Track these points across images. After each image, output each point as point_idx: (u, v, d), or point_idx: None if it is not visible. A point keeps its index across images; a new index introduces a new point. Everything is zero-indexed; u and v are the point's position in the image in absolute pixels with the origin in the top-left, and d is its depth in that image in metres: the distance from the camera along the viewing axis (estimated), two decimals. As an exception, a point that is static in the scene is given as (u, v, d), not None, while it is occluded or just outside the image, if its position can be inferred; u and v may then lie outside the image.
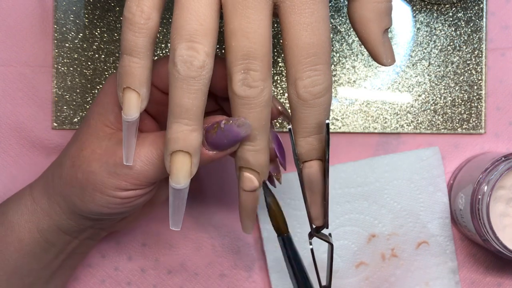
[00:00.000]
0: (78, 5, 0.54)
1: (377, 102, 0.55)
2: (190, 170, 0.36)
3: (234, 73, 0.35)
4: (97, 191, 0.41)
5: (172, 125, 0.36)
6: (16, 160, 0.54)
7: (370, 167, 0.54)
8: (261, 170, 0.38)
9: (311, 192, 0.39)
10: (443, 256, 0.54)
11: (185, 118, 0.35)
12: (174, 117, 0.35)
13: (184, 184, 0.37)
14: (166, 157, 0.36)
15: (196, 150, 0.36)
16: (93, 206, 0.42)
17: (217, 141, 0.37)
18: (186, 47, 0.34)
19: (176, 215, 0.39)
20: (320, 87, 0.35)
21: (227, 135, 0.37)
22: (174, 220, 0.39)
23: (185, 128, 0.35)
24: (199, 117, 0.35)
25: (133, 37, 0.35)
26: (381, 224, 0.54)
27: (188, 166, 0.36)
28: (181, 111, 0.35)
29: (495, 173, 0.48)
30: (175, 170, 0.36)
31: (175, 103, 0.35)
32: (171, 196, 0.38)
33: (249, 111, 0.36)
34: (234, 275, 0.55)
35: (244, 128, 0.36)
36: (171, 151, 0.36)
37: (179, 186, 0.37)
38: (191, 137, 0.36)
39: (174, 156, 0.36)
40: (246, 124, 0.36)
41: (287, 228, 0.48)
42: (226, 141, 0.37)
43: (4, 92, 0.54)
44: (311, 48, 0.35)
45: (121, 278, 0.55)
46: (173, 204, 0.38)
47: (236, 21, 0.35)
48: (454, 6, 0.54)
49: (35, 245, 0.45)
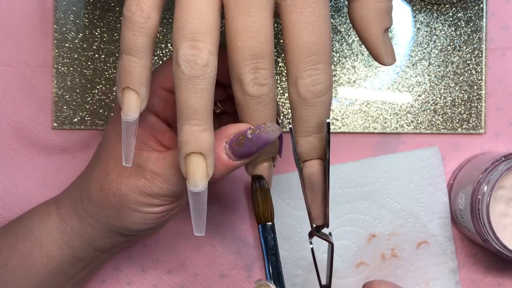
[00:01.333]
0: (78, 5, 0.54)
1: (377, 102, 0.55)
2: (207, 172, 0.36)
3: (244, 74, 0.35)
4: (133, 210, 0.41)
5: (182, 127, 0.35)
6: (16, 160, 0.54)
7: (370, 167, 0.54)
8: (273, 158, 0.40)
9: (311, 191, 0.39)
10: (443, 256, 0.54)
11: (194, 118, 0.35)
12: (183, 119, 0.35)
13: (202, 187, 0.36)
14: (180, 161, 0.36)
15: (209, 150, 0.36)
16: (131, 224, 0.42)
17: (247, 151, 0.37)
18: (189, 46, 0.34)
19: (198, 219, 0.38)
20: (320, 86, 0.35)
21: (257, 143, 0.37)
22: (197, 225, 0.38)
23: (195, 129, 0.35)
24: (207, 117, 0.35)
25: (133, 37, 0.35)
26: (381, 224, 0.54)
27: (204, 167, 0.36)
28: (189, 112, 0.35)
29: (495, 173, 0.48)
30: (192, 173, 0.36)
31: (183, 104, 0.35)
32: (191, 200, 0.37)
33: (264, 107, 0.36)
34: (234, 275, 0.55)
35: (274, 133, 0.37)
36: (185, 154, 0.35)
37: (197, 189, 0.36)
38: (202, 138, 0.35)
39: (188, 159, 0.35)
40: (275, 128, 0.36)
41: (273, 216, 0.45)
42: (256, 149, 0.37)
43: (4, 92, 0.54)
44: (312, 47, 0.35)
45: (122, 277, 0.55)
46: (194, 209, 0.37)
47: (240, 21, 0.35)
48: (454, 6, 0.54)
49: (63, 261, 0.46)
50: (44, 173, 0.54)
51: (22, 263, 0.45)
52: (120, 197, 0.41)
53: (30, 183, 0.54)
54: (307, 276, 0.54)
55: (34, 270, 0.45)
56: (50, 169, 0.54)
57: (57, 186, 0.53)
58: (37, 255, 0.45)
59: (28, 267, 0.45)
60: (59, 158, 0.54)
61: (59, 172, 0.54)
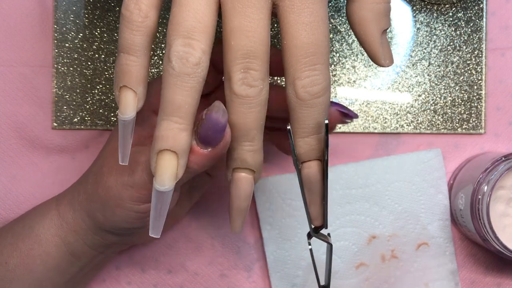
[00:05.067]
0: (78, 5, 0.54)
1: (377, 102, 0.55)
2: (176, 172, 0.35)
3: (234, 72, 0.35)
4: (116, 206, 0.41)
5: (161, 122, 0.34)
6: (16, 160, 0.54)
7: (371, 169, 0.54)
8: (257, 169, 0.37)
9: (310, 192, 0.39)
10: (443, 257, 0.54)
11: (176, 116, 0.34)
12: (164, 114, 0.34)
13: (168, 186, 0.35)
14: (152, 155, 0.35)
15: (184, 151, 0.35)
16: (114, 221, 0.42)
17: (203, 134, 0.35)
18: (182, 43, 0.34)
19: (157, 220, 0.36)
20: (318, 87, 0.35)
21: (209, 125, 0.35)
22: (154, 225, 0.37)
23: (175, 126, 0.34)
24: (190, 116, 0.34)
25: (131, 35, 0.35)
26: (382, 225, 0.54)
27: (174, 167, 0.35)
28: (172, 109, 0.34)
29: (495, 173, 0.48)
30: (160, 171, 0.35)
31: (167, 99, 0.34)
32: (154, 198, 0.36)
33: (249, 110, 0.35)
34: (234, 275, 0.55)
35: (220, 113, 0.35)
36: (158, 150, 0.35)
37: (163, 188, 0.35)
38: (180, 137, 0.34)
39: (160, 155, 0.35)
40: (220, 107, 0.35)
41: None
42: (210, 132, 0.35)
43: (4, 92, 0.54)
44: (310, 47, 0.35)
45: (122, 277, 0.55)
46: (155, 208, 0.36)
47: (235, 20, 0.34)
48: (454, 6, 0.54)
49: (61, 259, 0.46)
50: (44, 173, 0.54)
51: (22, 261, 0.45)
52: (107, 190, 0.41)
53: (30, 183, 0.54)
54: (307, 276, 0.54)
55: (34, 268, 0.45)
56: (50, 169, 0.54)
57: (57, 186, 0.53)
58: (36, 253, 0.45)
59: (28, 265, 0.45)
60: (59, 158, 0.54)
61: (59, 172, 0.54)
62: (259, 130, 0.36)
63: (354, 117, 0.43)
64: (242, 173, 0.37)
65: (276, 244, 0.54)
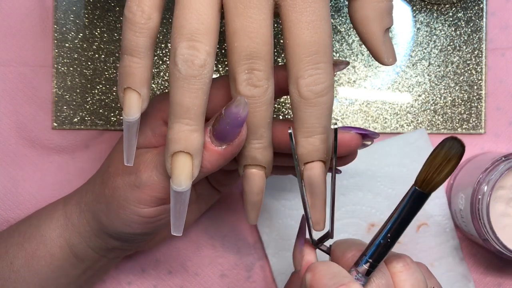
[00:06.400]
0: (78, 5, 0.54)
1: (377, 102, 0.55)
2: (192, 172, 0.36)
3: (238, 73, 0.35)
4: (120, 207, 0.41)
5: (173, 125, 0.35)
6: (16, 160, 0.54)
7: (359, 157, 0.54)
8: (267, 165, 0.38)
9: (312, 195, 0.38)
10: (444, 235, 0.54)
11: (186, 118, 0.35)
12: (175, 117, 0.35)
13: (185, 186, 0.36)
14: (167, 158, 0.36)
15: (198, 151, 0.36)
16: (117, 224, 0.42)
17: (221, 129, 0.36)
18: (187, 46, 0.34)
19: (177, 220, 0.38)
20: (322, 85, 0.35)
21: (228, 120, 0.36)
22: (175, 225, 0.38)
23: (186, 128, 0.35)
24: (200, 117, 0.35)
25: (134, 37, 0.35)
26: (379, 212, 0.54)
27: (190, 167, 0.36)
28: (181, 111, 0.35)
29: (495, 173, 0.48)
30: (176, 172, 0.36)
31: (176, 102, 0.35)
32: (172, 199, 0.37)
33: (255, 110, 0.36)
34: (234, 275, 0.55)
35: (242, 106, 0.35)
36: (172, 152, 0.36)
37: (180, 188, 0.36)
38: (192, 137, 0.35)
39: (175, 157, 0.36)
40: (242, 101, 0.35)
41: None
42: (228, 127, 0.36)
43: (4, 92, 0.54)
44: (312, 46, 0.35)
45: (122, 277, 0.55)
46: (174, 208, 0.37)
47: (238, 21, 0.35)
48: (454, 6, 0.54)
49: (65, 261, 0.46)
50: (44, 173, 0.54)
51: (27, 262, 0.45)
52: (113, 190, 0.41)
53: (30, 183, 0.54)
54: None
55: (38, 269, 0.45)
56: (50, 169, 0.54)
57: (57, 186, 0.53)
58: (41, 254, 0.45)
59: (33, 266, 0.45)
60: (59, 158, 0.54)
61: (59, 172, 0.54)
62: (266, 128, 0.37)
63: (374, 136, 0.43)
64: (253, 169, 0.38)
65: (276, 246, 0.54)
